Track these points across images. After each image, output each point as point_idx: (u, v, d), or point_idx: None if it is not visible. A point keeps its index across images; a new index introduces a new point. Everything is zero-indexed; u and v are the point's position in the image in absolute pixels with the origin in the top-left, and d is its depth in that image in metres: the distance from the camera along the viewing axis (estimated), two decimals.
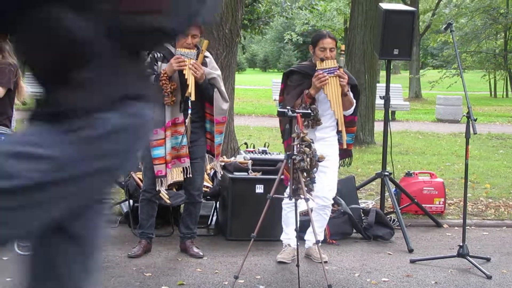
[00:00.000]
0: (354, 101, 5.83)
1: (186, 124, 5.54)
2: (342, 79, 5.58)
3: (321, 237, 5.87)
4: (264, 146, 7.02)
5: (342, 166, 6.11)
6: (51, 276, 2.05)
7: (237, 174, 6.42)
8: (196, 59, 5.49)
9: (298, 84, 5.76)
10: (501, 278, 5.49)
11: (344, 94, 5.63)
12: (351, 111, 5.83)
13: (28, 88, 6.26)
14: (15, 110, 6.11)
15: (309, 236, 5.92)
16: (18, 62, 6.06)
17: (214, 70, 5.69)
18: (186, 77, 5.40)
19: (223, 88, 5.69)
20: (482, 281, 5.40)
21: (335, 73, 5.59)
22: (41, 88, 1.94)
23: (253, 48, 66.71)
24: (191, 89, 5.37)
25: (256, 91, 33.20)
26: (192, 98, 5.39)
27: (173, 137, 5.57)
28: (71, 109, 1.85)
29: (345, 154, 6.01)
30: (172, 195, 6.25)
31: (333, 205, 6.59)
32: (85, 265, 2.08)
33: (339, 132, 5.79)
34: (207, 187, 6.56)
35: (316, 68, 5.62)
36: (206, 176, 6.64)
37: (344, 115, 5.75)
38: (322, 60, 5.63)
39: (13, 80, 5.91)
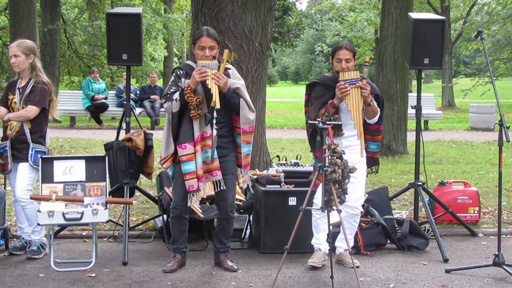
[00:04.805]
0: (378, 110, 5.88)
1: (213, 135, 5.47)
2: (364, 90, 5.64)
3: (351, 243, 5.95)
4: (296, 159, 7.04)
5: (369, 173, 6.17)
6: None
7: (270, 187, 6.45)
8: (218, 69, 5.52)
9: (321, 95, 5.87)
10: None
11: (367, 104, 5.69)
12: (375, 119, 5.89)
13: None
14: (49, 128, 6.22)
15: (339, 243, 6.03)
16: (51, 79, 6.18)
17: (238, 80, 5.71)
18: (209, 87, 5.42)
19: (248, 98, 5.68)
20: None
21: (357, 84, 5.66)
22: None
23: (284, 61, 66.82)
24: (215, 97, 5.36)
25: (287, 104, 33.20)
26: (217, 106, 5.35)
27: (203, 151, 5.55)
28: None
29: (372, 162, 6.09)
30: (205, 209, 6.28)
31: (366, 215, 6.61)
32: None
33: (366, 141, 5.90)
34: (240, 200, 6.58)
35: (339, 79, 5.71)
36: (239, 190, 6.67)
37: (369, 124, 5.88)
38: (337, 72, 5.71)
39: (48, 99, 6.00)
